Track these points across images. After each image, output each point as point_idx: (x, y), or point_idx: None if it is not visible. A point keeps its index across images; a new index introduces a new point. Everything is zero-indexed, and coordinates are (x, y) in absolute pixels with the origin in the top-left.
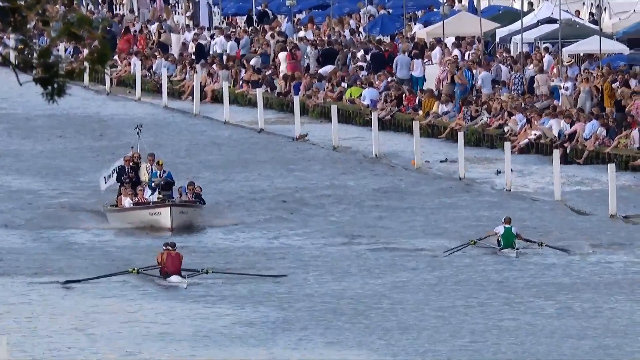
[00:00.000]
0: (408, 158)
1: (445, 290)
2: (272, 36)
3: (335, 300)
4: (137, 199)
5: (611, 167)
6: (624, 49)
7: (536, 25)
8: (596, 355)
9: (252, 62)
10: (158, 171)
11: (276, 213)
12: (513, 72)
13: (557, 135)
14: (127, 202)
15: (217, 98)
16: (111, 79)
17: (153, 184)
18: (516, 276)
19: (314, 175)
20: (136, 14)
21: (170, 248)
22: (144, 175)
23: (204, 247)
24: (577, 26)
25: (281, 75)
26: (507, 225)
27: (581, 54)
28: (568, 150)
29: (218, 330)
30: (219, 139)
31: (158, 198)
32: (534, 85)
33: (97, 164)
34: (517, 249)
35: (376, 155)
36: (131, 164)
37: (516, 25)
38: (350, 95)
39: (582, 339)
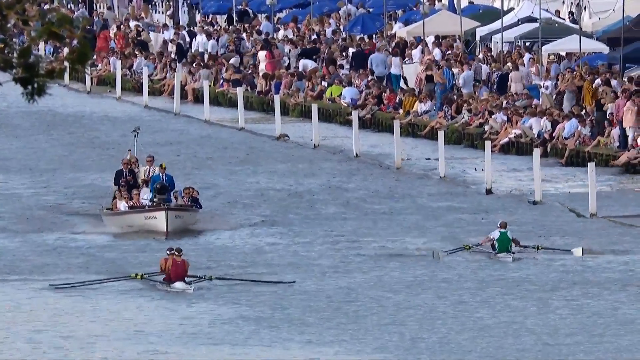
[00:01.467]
0: (389, 157)
1: (442, 293)
2: (254, 34)
3: (341, 302)
4: (132, 203)
5: (591, 166)
6: (604, 48)
7: (516, 24)
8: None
9: (231, 61)
10: (161, 174)
11: (269, 216)
12: (490, 71)
13: (537, 135)
14: (122, 205)
15: (197, 97)
16: (91, 78)
17: (158, 186)
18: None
19: (298, 175)
20: (115, 12)
21: (176, 254)
22: (141, 178)
23: (200, 251)
24: (557, 25)
25: (261, 74)
26: (502, 230)
27: (563, 54)
28: (548, 150)
29: (223, 332)
30: (200, 138)
31: (153, 202)
32: (508, 84)
33: (79, 163)
34: (513, 253)
35: (357, 154)
36: (129, 167)
37: (496, 24)
38: (331, 94)
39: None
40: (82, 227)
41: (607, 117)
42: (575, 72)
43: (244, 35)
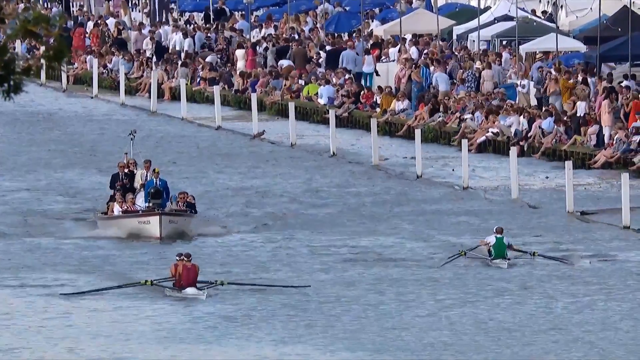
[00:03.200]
0: (366, 155)
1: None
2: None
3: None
4: (126, 207)
5: (568, 164)
6: (581, 47)
7: (493, 22)
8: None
9: (208, 59)
10: (154, 179)
11: (260, 219)
12: (464, 70)
13: (513, 133)
14: (116, 209)
15: (174, 95)
16: (68, 77)
17: (152, 191)
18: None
19: (274, 174)
20: (92, 10)
21: (186, 259)
22: (138, 182)
23: (201, 257)
24: (534, 24)
25: (238, 72)
26: (498, 235)
27: (539, 52)
28: (525, 148)
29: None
30: (177, 136)
31: (147, 206)
32: (480, 81)
33: (54, 161)
34: (509, 259)
35: (334, 153)
36: (126, 170)
37: (473, 23)
38: (308, 93)
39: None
40: (77, 231)
41: (584, 116)
42: (553, 70)
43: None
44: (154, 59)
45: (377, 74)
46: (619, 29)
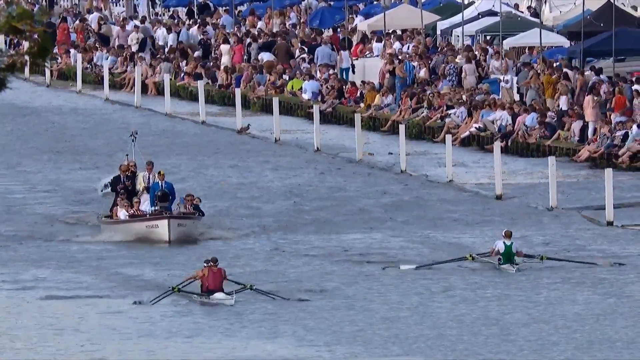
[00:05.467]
0: (350, 150)
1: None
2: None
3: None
4: (132, 211)
5: (551, 159)
6: (564, 42)
7: (477, 17)
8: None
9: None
10: (160, 182)
11: (259, 220)
12: (446, 64)
13: (497, 129)
14: (122, 213)
15: (158, 90)
16: (52, 72)
17: (159, 194)
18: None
19: (260, 170)
20: (78, 4)
21: (213, 264)
22: (140, 184)
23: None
24: (518, 19)
25: (222, 67)
26: (507, 242)
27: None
28: (509, 143)
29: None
30: (161, 131)
31: (154, 210)
32: (462, 76)
33: (39, 158)
34: (517, 264)
35: (318, 148)
36: (127, 173)
37: (457, 18)
38: (292, 88)
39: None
40: (81, 235)
41: (567, 111)
42: (537, 66)
43: (194, 27)
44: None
45: (354, 71)
46: (602, 25)
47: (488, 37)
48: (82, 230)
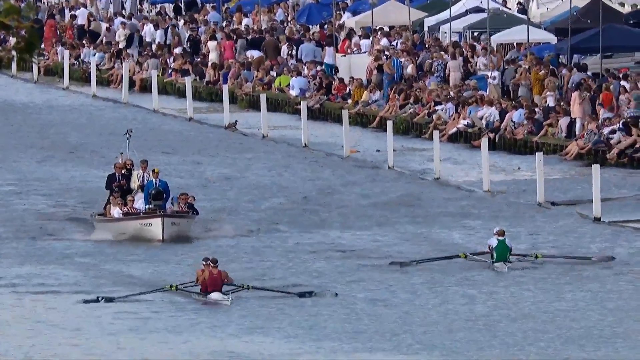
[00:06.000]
0: (338, 147)
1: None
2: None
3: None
4: (126, 209)
5: (539, 155)
6: (552, 39)
7: (465, 14)
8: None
9: (175, 51)
10: (154, 180)
11: (240, 214)
12: (432, 60)
13: (485, 125)
14: (116, 212)
15: (146, 87)
16: (39, 68)
17: (153, 192)
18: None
19: (247, 166)
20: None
21: (212, 264)
22: (134, 183)
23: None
24: (505, 15)
25: (210, 64)
26: (500, 238)
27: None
28: (496, 140)
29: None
30: (148, 129)
31: (148, 208)
32: (446, 72)
33: (25, 154)
34: (510, 262)
35: (305, 145)
36: (123, 171)
37: (445, 14)
38: (280, 84)
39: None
40: (74, 234)
41: (555, 107)
42: (524, 62)
43: (181, 22)
44: (134, 51)
45: (337, 70)
46: (589, 21)
47: (475, 34)
48: (74, 228)
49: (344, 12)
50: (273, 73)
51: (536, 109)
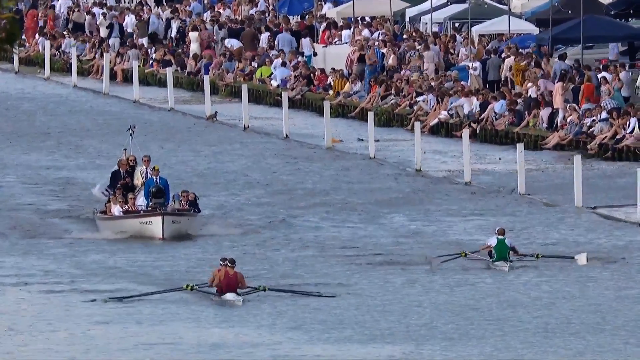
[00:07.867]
0: (319, 137)
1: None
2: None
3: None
4: (127, 207)
5: (520, 146)
6: (533, 29)
7: (446, 4)
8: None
9: (141, 42)
10: (154, 177)
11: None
12: (411, 51)
13: (466, 115)
14: (116, 209)
15: (127, 78)
16: (19, 58)
17: (153, 190)
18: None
19: (236, 159)
20: None
21: (229, 265)
22: (138, 179)
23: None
24: (486, 6)
25: (191, 54)
26: (500, 237)
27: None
28: (478, 131)
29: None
30: (130, 119)
31: (149, 206)
32: (419, 63)
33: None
34: (511, 261)
35: (287, 135)
36: (127, 168)
37: (426, 5)
38: (261, 75)
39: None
40: (78, 232)
41: (537, 97)
42: (505, 53)
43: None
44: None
45: (315, 55)
46: (570, 12)
47: (457, 25)
48: (76, 226)
49: (325, 3)
50: (254, 64)
51: (518, 100)
